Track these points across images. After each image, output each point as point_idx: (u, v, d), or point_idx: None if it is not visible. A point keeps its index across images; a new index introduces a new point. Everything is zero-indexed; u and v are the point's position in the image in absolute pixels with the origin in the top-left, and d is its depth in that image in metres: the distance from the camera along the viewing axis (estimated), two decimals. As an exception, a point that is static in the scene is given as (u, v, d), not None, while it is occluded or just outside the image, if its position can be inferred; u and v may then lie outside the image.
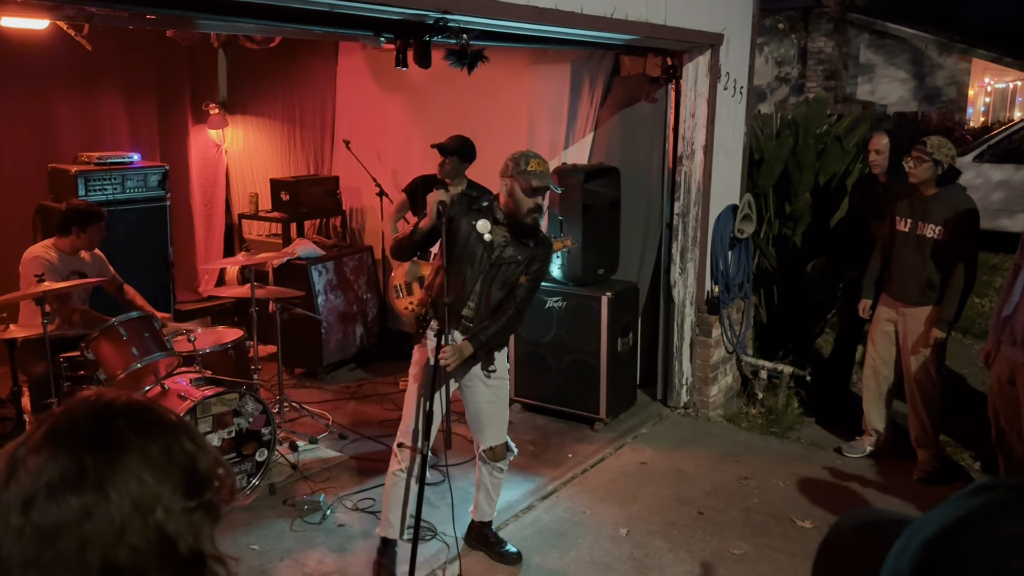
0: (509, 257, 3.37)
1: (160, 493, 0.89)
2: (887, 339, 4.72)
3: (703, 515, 4.22)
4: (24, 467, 0.87)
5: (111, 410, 0.93)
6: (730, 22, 5.21)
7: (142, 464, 0.89)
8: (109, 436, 0.90)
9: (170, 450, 0.92)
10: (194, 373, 4.24)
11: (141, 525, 0.87)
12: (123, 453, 0.89)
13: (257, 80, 7.14)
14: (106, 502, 0.86)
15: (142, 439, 0.91)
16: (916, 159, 4.40)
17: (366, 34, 3.42)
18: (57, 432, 0.90)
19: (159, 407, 0.98)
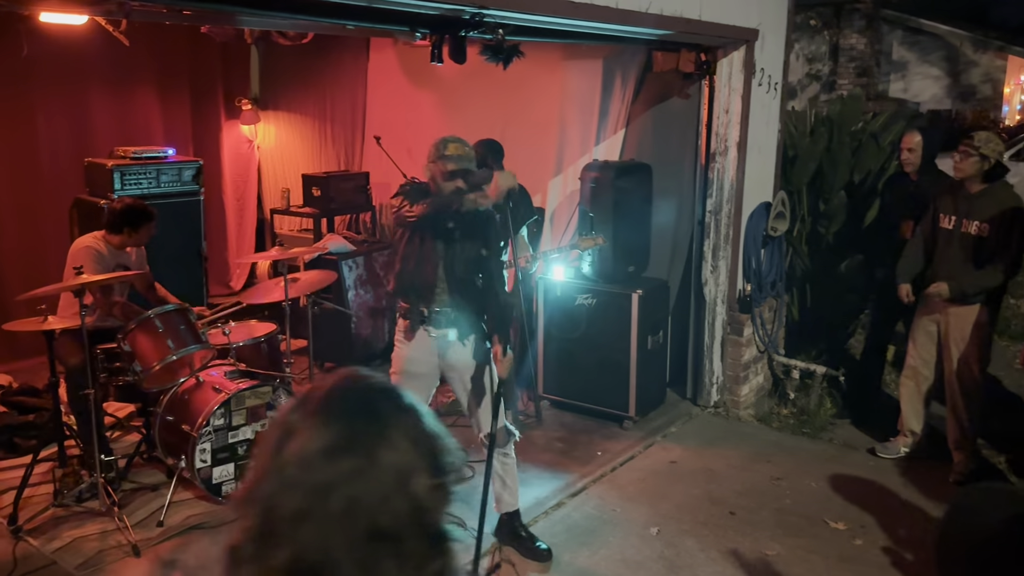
0: (460, 237, 3.43)
1: (417, 466, 0.97)
2: (929, 339, 4.64)
3: (734, 515, 4.18)
4: (300, 432, 0.96)
5: (374, 388, 1.03)
6: (765, 17, 5.16)
7: (403, 437, 0.97)
8: (376, 410, 1.00)
9: (421, 429, 1.01)
10: (228, 366, 4.28)
11: (402, 493, 0.95)
12: (388, 425, 0.98)
13: (289, 76, 7.18)
14: (373, 467, 0.94)
15: (403, 416, 1.01)
16: (963, 153, 4.32)
17: (402, 29, 3.42)
18: (330, 404, 0.99)
19: (404, 392, 1.07)
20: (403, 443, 0.97)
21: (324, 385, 1.03)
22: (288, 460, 0.95)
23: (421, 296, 3.47)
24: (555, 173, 5.90)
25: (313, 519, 0.92)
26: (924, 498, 4.39)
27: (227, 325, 4.41)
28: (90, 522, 3.86)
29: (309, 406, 1.00)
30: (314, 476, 0.94)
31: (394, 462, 0.96)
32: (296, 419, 0.99)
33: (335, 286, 5.54)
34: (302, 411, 0.99)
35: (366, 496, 0.94)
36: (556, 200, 5.94)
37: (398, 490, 0.95)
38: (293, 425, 0.98)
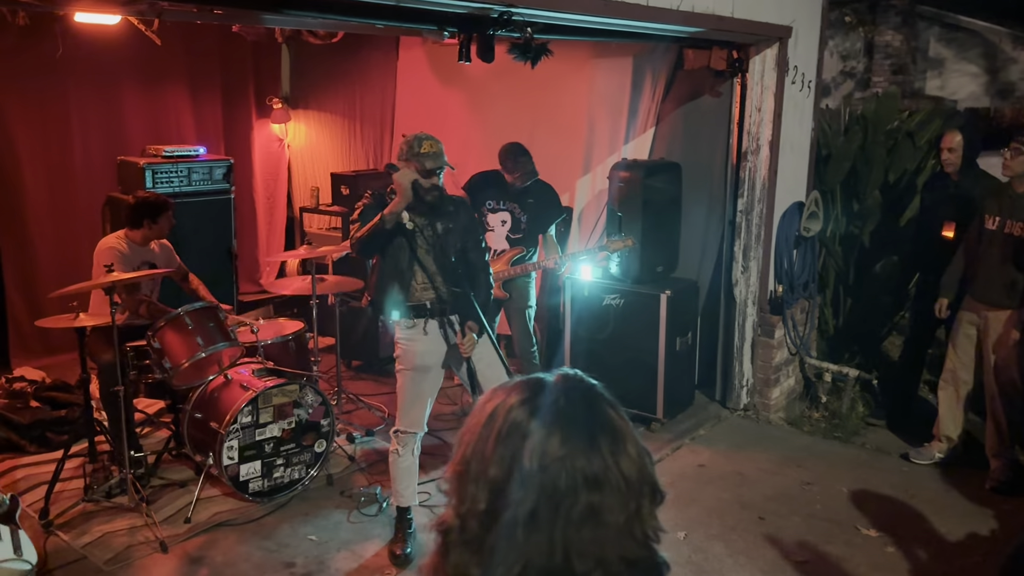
0: (443, 230, 3.53)
1: (648, 479, 0.99)
2: (969, 343, 4.53)
3: (764, 520, 4.12)
4: (535, 431, 0.97)
5: (605, 397, 1.04)
6: (799, 14, 5.07)
7: (635, 450, 0.99)
8: (610, 420, 1.01)
9: (643, 445, 1.02)
10: (256, 364, 4.30)
11: (635, 508, 0.97)
12: (624, 438, 0.99)
13: (319, 75, 7.21)
14: (613, 478, 0.96)
15: (630, 429, 1.02)
16: (1014, 151, 4.22)
17: (430, 28, 3.41)
18: (570, 408, 1.00)
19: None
20: (635, 457, 0.98)
21: (552, 385, 1.03)
22: (524, 458, 0.95)
23: (416, 291, 3.56)
24: (583, 172, 5.85)
25: (552, 524, 0.93)
26: (959, 505, 4.29)
27: (255, 323, 4.43)
28: (119, 518, 3.89)
29: (542, 406, 1.00)
30: (555, 480, 0.94)
31: (630, 474, 0.96)
32: (524, 416, 0.99)
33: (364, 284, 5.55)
34: (530, 409, 0.99)
35: (607, 509, 0.95)
36: (584, 199, 5.89)
37: (632, 505, 0.96)
38: (522, 422, 0.98)
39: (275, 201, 7.36)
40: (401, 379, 3.66)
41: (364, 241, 3.49)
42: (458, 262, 3.56)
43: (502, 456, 0.97)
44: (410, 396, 3.65)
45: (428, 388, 3.68)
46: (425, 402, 3.68)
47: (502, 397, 1.03)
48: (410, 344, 3.62)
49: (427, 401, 3.70)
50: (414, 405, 3.65)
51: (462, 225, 3.61)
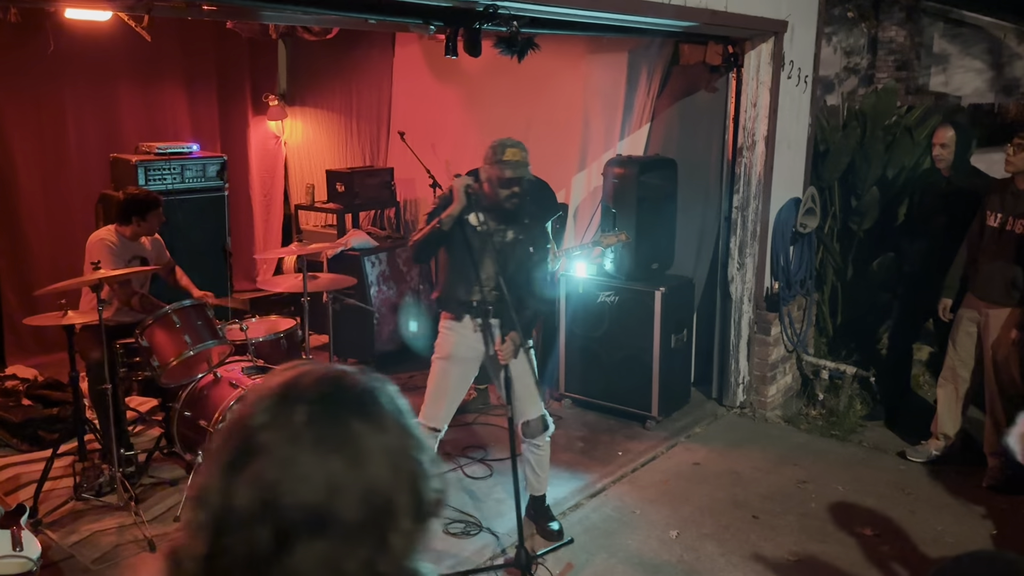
0: (513, 240, 3.53)
1: (404, 498, 0.91)
2: (969, 340, 4.48)
3: (758, 519, 4.08)
4: (257, 463, 0.86)
5: (359, 407, 0.93)
6: (795, 8, 5.02)
7: (385, 466, 0.90)
8: (353, 439, 0.91)
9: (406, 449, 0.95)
10: (246, 361, 4.28)
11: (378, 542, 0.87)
12: (365, 457, 0.89)
13: (316, 72, 7.19)
14: (343, 509, 0.86)
15: (387, 442, 0.93)
16: (1017, 146, 4.17)
17: (415, 22, 3.38)
18: (297, 432, 0.89)
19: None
20: (382, 477, 0.88)
21: (301, 392, 0.90)
22: (240, 490, 0.85)
23: (470, 290, 3.57)
24: (579, 168, 5.82)
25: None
26: (955, 504, 4.25)
27: (245, 320, 4.41)
28: (108, 516, 3.88)
29: (275, 421, 0.88)
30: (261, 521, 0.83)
31: (369, 502, 0.86)
32: (253, 433, 0.87)
33: (358, 282, 5.52)
34: (264, 423, 0.88)
35: (337, 557, 0.84)
36: (580, 196, 5.86)
37: (372, 541, 0.86)
38: (250, 440, 0.87)
39: (272, 198, 7.35)
40: (432, 369, 3.72)
41: (420, 244, 3.56)
42: (518, 273, 3.55)
43: (222, 486, 0.85)
44: (435, 387, 3.69)
45: (454, 383, 3.70)
46: (447, 398, 3.69)
47: (247, 406, 0.91)
48: (448, 334, 3.69)
49: (450, 398, 3.70)
50: (436, 398, 3.68)
51: (531, 238, 3.62)
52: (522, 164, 3.42)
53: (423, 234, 3.52)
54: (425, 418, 3.66)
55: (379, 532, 0.86)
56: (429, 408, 3.68)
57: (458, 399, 3.77)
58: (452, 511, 4.06)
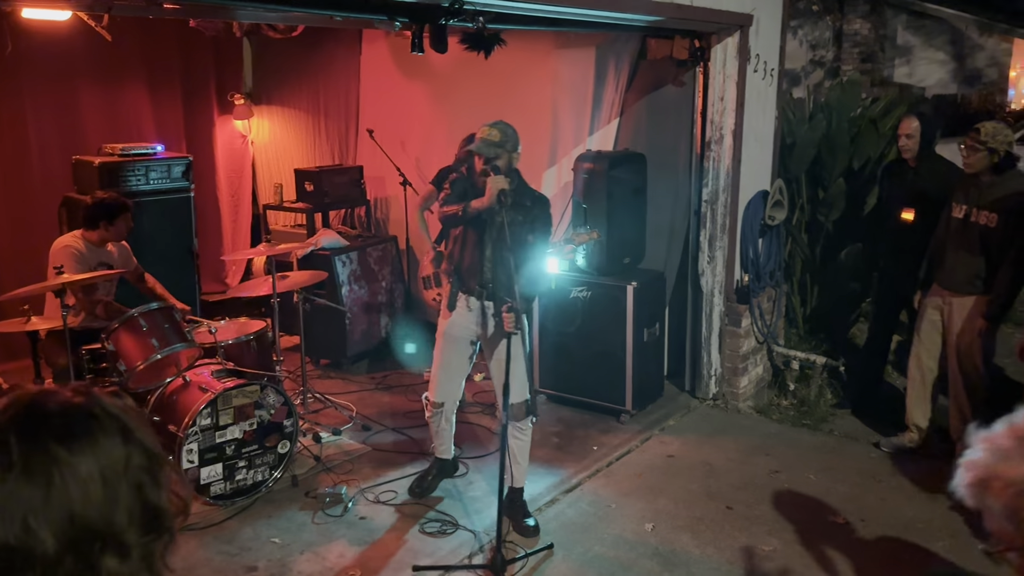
0: (512, 220, 3.61)
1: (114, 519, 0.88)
2: (933, 329, 4.54)
3: (732, 510, 4.11)
4: None
5: (49, 422, 0.89)
6: (760, 2, 5.05)
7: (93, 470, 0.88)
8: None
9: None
10: (216, 365, 4.22)
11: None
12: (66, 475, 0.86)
13: (282, 70, 7.11)
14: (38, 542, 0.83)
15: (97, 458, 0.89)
16: (969, 148, 4.21)
17: (380, 18, 3.35)
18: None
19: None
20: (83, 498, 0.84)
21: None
22: None
23: (469, 273, 3.80)
24: (549, 164, 5.82)
25: None
26: (926, 491, 4.31)
27: (214, 323, 4.36)
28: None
29: None
30: None
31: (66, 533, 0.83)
32: None
33: (328, 282, 5.48)
34: None
35: None
36: (551, 191, 5.85)
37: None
38: None
39: (240, 199, 7.26)
40: (436, 348, 3.98)
41: (445, 219, 3.77)
42: (517, 255, 3.62)
43: None
44: (437, 363, 3.97)
45: (454, 360, 3.94)
46: (449, 374, 3.96)
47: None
48: (448, 312, 3.89)
49: (452, 374, 3.97)
50: (438, 373, 3.97)
51: (532, 219, 3.74)
52: (487, 141, 3.62)
53: (448, 213, 3.69)
54: (431, 391, 4.01)
55: (84, 558, 0.82)
56: (432, 382, 4.01)
57: (457, 376, 4.01)
58: (428, 509, 4.05)
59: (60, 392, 0.91)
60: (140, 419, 0.95)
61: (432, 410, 4.03)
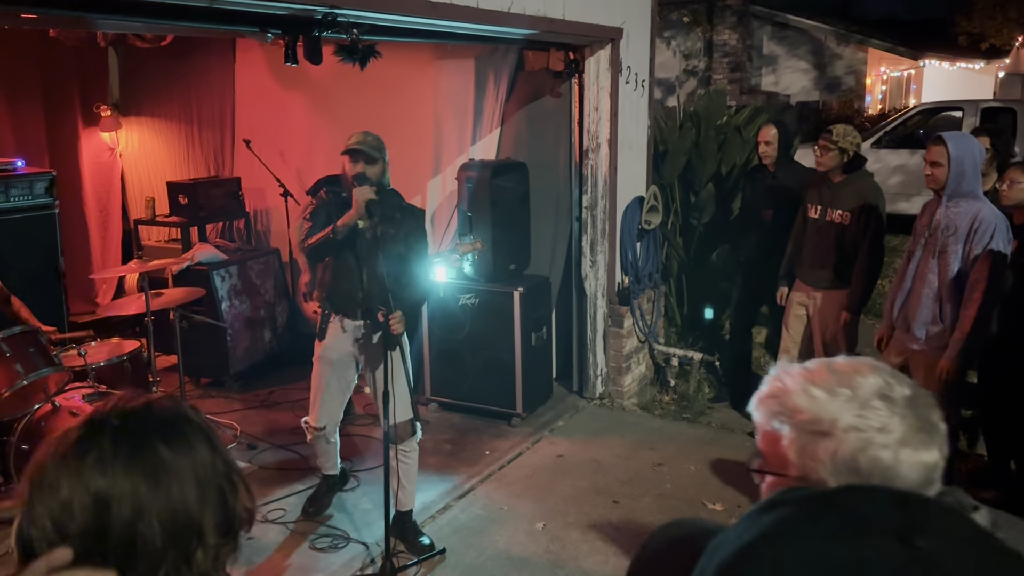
0: (383, 234, 3.55)
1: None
2: (799, 323, 4.83)
3: (618, 504, 4.26)
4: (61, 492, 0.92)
5: (157, 431, 0.98)
6: (629, 15, 5.27)
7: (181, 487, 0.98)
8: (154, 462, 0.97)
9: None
10: (87, 388, 4.04)
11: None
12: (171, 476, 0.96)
13: (151, 80, 6.86)
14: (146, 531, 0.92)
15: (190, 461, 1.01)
16: (822, 148, 4.51)
17: (251, 30, 3.31)
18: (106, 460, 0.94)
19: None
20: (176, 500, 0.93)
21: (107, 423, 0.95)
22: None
23: (343, 296, 3.71)
24: (433, 174, 5.85)
25: None
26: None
27: (84, 345, 4.16)
28: (-64, 566, 3.56)
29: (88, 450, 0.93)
30: None
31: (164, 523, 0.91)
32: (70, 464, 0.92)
33: (207, 298, 5.32)
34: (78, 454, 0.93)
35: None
36: (436, 201, 5.90)
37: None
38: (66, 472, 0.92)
39: (109, 214, 6.93)
40: (313, 373, 3.87)
41: (315, 248, 3.62)
42: (393, 267, 3.57)
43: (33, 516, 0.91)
44: (315, 387, 3.87)
45: (332, 383, 3.83)
46: (326, 396, 3.84)
47: (57, 439, 0.96)
48: (320, 334, 3.82)
49: (330, 396, 3.85)
50: (317, 397, 3.86)
51: (404, 232, 3.68)
52: (363, 143, 3.59)
53: (318, 240, 3.57)
54: (310, 416, 3.91)
55: (183, 551, 0.90)
56: (312, 407, 3.89)
57: (338, 398, 3.90)
58: (318, 524, 4.01)
59: (160, 398, 1.00)
60: (214, 429, 1.03)
61: (313, 433, 3.94)
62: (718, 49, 16.36)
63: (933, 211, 3.92)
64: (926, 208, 4.05)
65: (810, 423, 1.03)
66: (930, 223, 3.91)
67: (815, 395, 1.04)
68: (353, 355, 3.82)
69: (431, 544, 3.81)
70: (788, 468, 1.03)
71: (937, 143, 3.80)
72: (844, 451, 1.00)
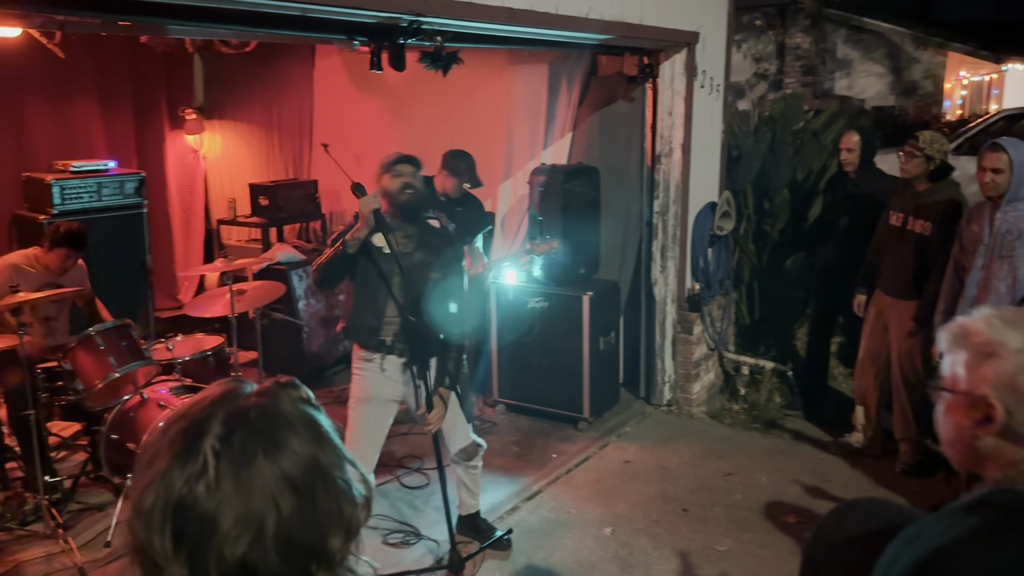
0: (420, 261, 3.37)
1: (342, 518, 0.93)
2: (877, 333, 4.73)
3: (687, 512, 4.23)
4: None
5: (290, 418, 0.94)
6: (705, 20, 5.23)
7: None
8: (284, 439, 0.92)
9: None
10: (173, 381, 4.21)
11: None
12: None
13: (234, 84, 7.10)
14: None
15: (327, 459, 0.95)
16: (907, 154, 4.40)
17: (339, 38, 3.41)
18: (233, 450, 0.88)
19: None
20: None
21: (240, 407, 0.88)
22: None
23: (379, 321, 3.38)
24: (504, 178, 5.92)
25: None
26: (873, 489, 4.48)
27: (171, 340, 4.34)
28: (35, 545, 3.76)
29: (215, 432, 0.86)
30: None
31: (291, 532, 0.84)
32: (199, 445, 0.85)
33: (285, 297, 5.47)
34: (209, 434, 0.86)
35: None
36: (506, 205, 5.96)
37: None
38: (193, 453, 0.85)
39: (192, 214, 7.20)
40: (351, 415, 3.47)
41: (323, 267, 3.31)
42: (427, 299, 3.32)
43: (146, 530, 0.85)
44: (358, 434, 3.44)
45: (375, 426, 3.48)
46: (375, 443, 3.49)
47: (156, 443, 0.89)
48: (364, 374, 3.46)
49: (377, 443, 3.50)
50: (362, 446, 3.43)
51: (442, 262, 3.43)
52: (404, 183, 3.39)
53: (326, 258, 3.31)
54: None
55: (301, 571, 0.84)
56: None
57: (379, 443, 3.54)
58: (390, 521, 4.09)
59: (261, 394, 0.91)
60: (321, 414, 0.94)
61: None
62: (790, 52, 16.07)
63: (985, 217, 3.86)
64: (974, 215, 4.01)
65: (983, 345, 1.20)
66: (985, 230, 3.83)
67: (993, 323, 1.22)
68: (400, 392, 3.50)
69: (508, 539, 3.86)
70: (958, 385, 1.20)
71: (996, 150, 3.84)
72: (1006, 370, 1.16)
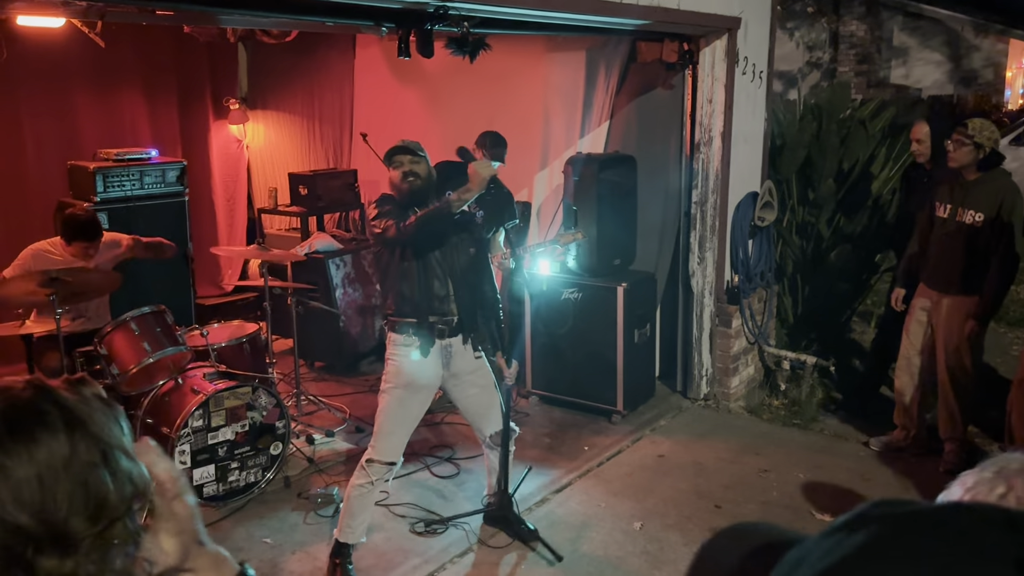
0: (455, 241, 3.35)
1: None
2: (921, 329, 4.56)
3: (720, 509, 4.15)
4: None
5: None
6: (748, 5, 5.09)
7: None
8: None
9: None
10: (208, 367, 4.26)
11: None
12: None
13: (277, 75, 7.16)
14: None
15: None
16: (956, 142, 4.23)
17: (367, 24, 3.39)
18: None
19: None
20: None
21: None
22: None
23: (431, 309, 3.30)
24: (541, 167, 5.86)
25: None
26: (913, 489, 4.34)
27: (206, 326, 4.39)
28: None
29: None
30: None
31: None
32: None
33: (322, 285, 5.53)
34: None
35: None
36: (543, 194, 5.90)
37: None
38: None
39: (235, 203, 7.30)
40: (385, 399, 3.37)
41: (423, 220, 3.07)
42: (475, 277, 3.34)
43: None
44: (392, 419, 3.34)
45: (416, 412, 3.40)
46: (409, 429, 3.43)
47: None
48: (404, 360, 3.35)
49: (410, 428, 3.44)
50: (395, 431, 3.36)
51: (475, 238, 3.39)
52: (412, 161, 3.33)
53: (426, 212, 3.08)
54: (380, 453, 3.35)
55: (15, 560, 0.81)
56: (383, 441, 3.35)
57: (411, 429, 3.48)
58: (419, 510, 4.09)
59: (10, 387, 0.88)
60: (103, 406, 0.91)
61: (379, 475, 3.37)
62: (844, 40, 15.66)
63: None
64: None
65: None
66: None
67: None
68: (440, 376, 3.43)
69: (535, 531, 3.82)
70: None
71: None
72: None
